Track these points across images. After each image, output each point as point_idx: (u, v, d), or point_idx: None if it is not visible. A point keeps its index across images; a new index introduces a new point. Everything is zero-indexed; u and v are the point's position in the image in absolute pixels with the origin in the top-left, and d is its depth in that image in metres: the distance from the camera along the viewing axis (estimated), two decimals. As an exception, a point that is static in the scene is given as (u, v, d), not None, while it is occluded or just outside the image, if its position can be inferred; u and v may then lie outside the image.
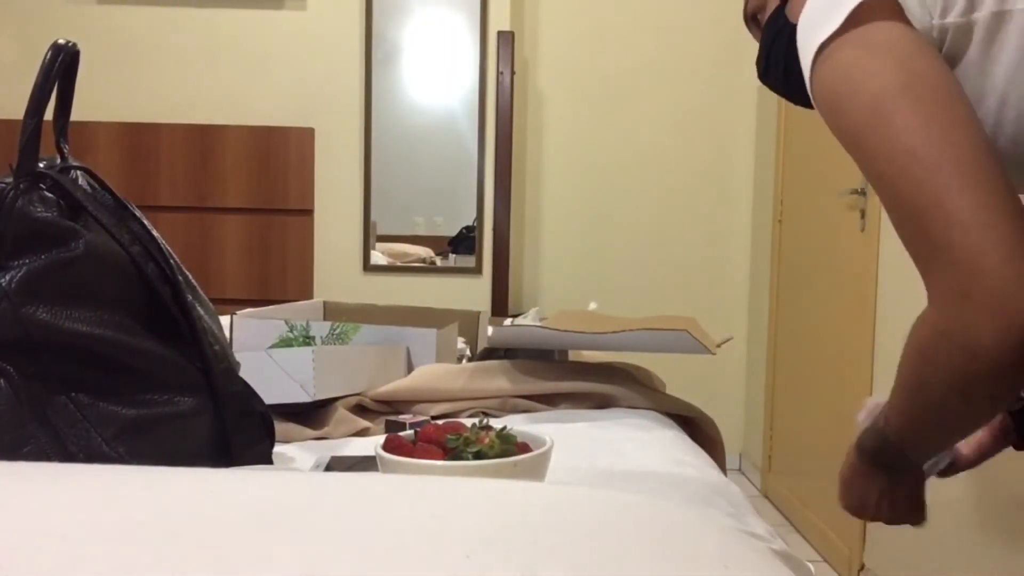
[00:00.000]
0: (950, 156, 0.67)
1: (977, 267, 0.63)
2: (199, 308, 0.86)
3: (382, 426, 1.19)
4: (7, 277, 0.73)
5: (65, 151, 0.83)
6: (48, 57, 0.79)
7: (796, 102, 0.97)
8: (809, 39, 0.78)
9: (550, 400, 1.33)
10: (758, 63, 0.98)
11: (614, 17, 3.19)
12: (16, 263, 0.74)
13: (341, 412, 1.21)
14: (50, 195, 0.77)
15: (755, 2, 0.98)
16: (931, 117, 0.69)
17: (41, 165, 0.78)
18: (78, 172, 0.82)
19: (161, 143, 2.92)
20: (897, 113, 0.70)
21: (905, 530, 0.93)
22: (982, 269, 0.63)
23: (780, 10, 0.90)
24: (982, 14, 0.73)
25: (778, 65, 0.93)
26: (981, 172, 0.66)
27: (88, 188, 0.82)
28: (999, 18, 0.73)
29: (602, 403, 1.35)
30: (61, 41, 0.80)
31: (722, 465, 1.28)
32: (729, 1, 3.09)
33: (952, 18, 0.75)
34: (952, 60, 0.76)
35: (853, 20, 0.75)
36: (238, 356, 0.95)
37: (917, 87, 0.71)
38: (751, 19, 1.01)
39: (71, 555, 0.43)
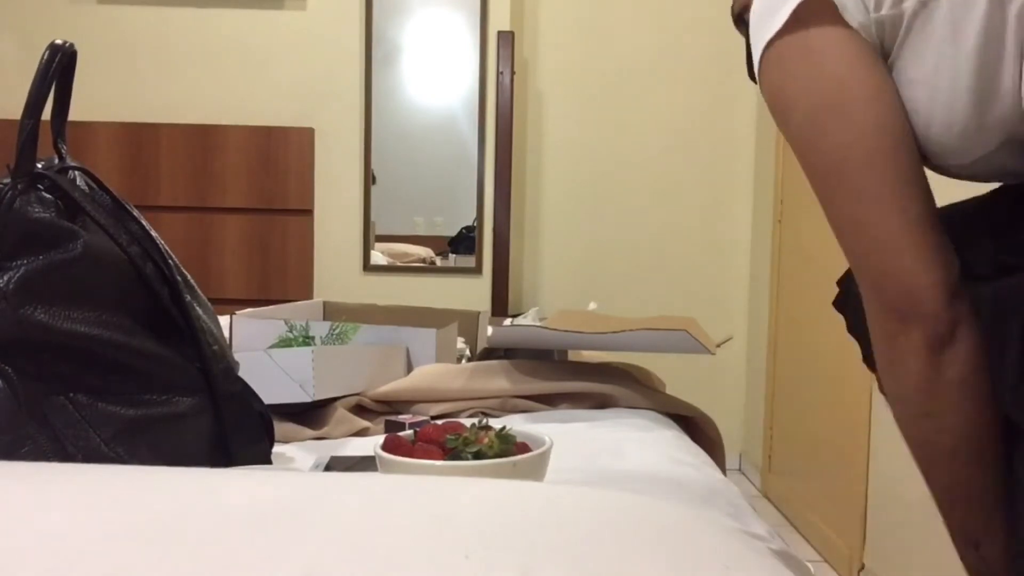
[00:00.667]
0: (875, 180, 0.73)
1: (902, 278, 0.72)
2: (198, 308, 0.85)
3: (382, 426, 1.19)
4: (5, 278, 0.73)
5: (63, 151, 0.83)
6: (45, 57, 0.79)
7: None
8: (757, 35, 0.81)
9: (550, 400, 1.33)
10: (747, 62, 0.98)
11: (614, 17, 3.19)
12: (14, 264, 0.74)
13: (341, 412, 1.21)
14: (48, 196, 0.77)
15: (741, 1, 0.99)
16: (860, 136, 0.74)
17: (39, 166, 0.78)
18: (76, 172, 0.82)
19: (161, 143, 2.92)
20: (828, 132, 0.75)
21: (905, 530, 0.93)
22: (906, 279, 0.72)
23: None
24: (909, 3, 0.75)
25: None
26: (902, 193, 0.73)
27: (86, 188, 0.81)
28: (925, 6, 0.74)
29: (602, 403, 1.35)
30: (58, 41, 0.80)
31: (722, 465, 1.28)
32: (729, 1, 3.08)
33: (885, 11, 0.76)
34: (888, 52, 0.78)
35: (795, 20, 0.77)
36: (238, 356, 0.95)
37: (848, 104, 0.75)
38: (738, 19, 1.02)
39: (71, 555, 0.43)
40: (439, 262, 3.08)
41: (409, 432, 0.92)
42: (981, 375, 0.74)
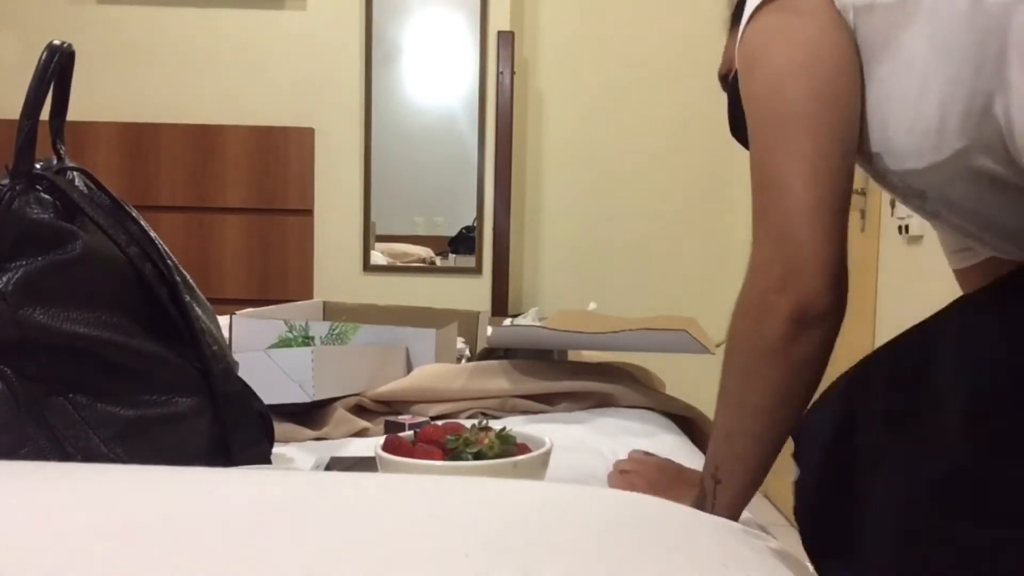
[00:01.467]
0: (806, 145, 0.76)
1: (796, 244, 0.75)
2: (197, 308, 0.85)
3: (381, 426, 1.19)
4: (4, 279, 0.73)
5: (62, 152, 0.83)
6: (43, 58, 0.79)
7: None
8: (747, 11, 0.84)
9: (550, 400, 1.33)
10: (729, 120, 1.05)
11: (614, 17, 3.18)
12: (13, 265, 0.74)
13: (340, 412, 1.21)
14: (47, 196, 0.77)
15: (727, 64, 1.05)
16: (809, 101, 0.77)
17: (38, 166, 0.78)
18: (75, 173, 0.81)
19: (161, 143, 2.91)
20: (783, 90, 0.78)
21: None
22: (801, 246, 0.75)
23: None
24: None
25: (745, 122, 0.99)
26: (824, 169, 0.76)
27: (85, 189, 0.81)
28: (907, 1, 0.76)
29: (602, 403, 1.35)
30: (56, 42, 0.80)
31: (722, 465, 1.28)
32: (728, 0, 3.08)
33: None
34: (861, 40, 0.80)
35: None
36: (237, 356, 0.95)
37: (810, 68, 0.78)
38: (723, 79, 1.08)
39: (71, 555, 0.43)
40: (439, 262, 3.08)
41: (409, 433, 0.92)
42: (814, 367, 0.78)
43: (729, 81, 1.02)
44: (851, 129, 0.79)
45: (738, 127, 1.01)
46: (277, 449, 1.00)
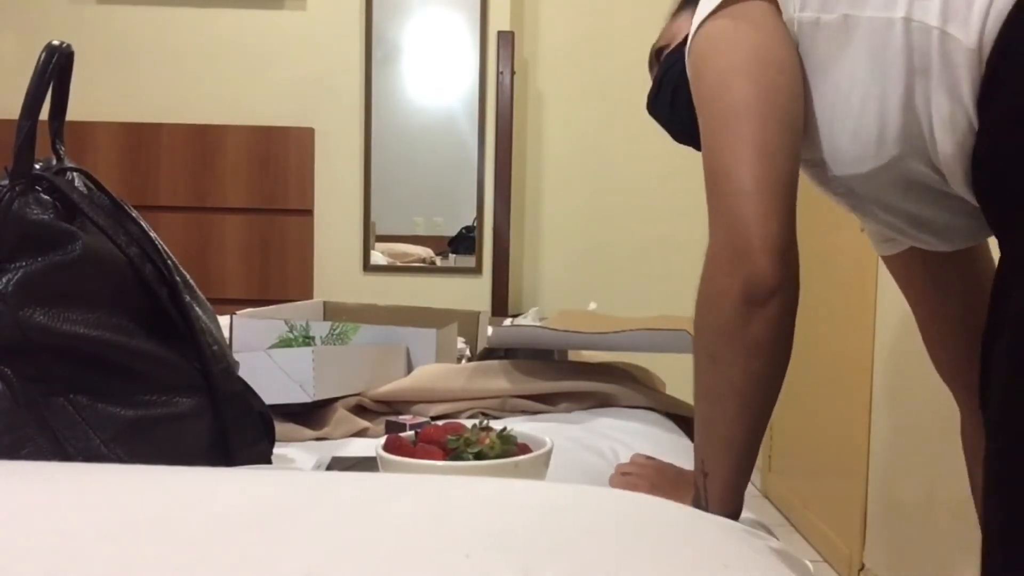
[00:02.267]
0: (753, 136, 0.80)
1: (742, 225, 0.79)
2: (197, 308, 0.85)
3: (382, 426, 1.19)
4: (4, 280, 0.73)
5: (61, 153, 0.83)
6: (42, 58, 0.79)
7: (674, 134, 1.11)
8: (697, 20, 0.88)
9: (550, 400, 1.33)
10: (649, 95, 1.12)
11: (614, 17, 3.18)
12: (13, 266, 0.74)
13: (341, 412, 1.21)
14: (46, 197, 0.77)
15: (664, 39, 1.13)
16: (756, 97, 0.81)
17: (37, 167, 0.78)
18: (74, 174, 0.81)
19: (161, 143, 2.91)
20: (732, 88, 0.82)
21: (905, 530, 0.94)
22: (746, 227, 0.79)
23: (682, 44, 0.99)
24: (833, 16, 0.83)
25: (666, 93, 1.06)
26: (771, 155, 0.80)
27: (84, 190, 0.81)
28: (848, 21, 0.82)
29: (602, 403, 1.35)
30: (55, 42, 0.80)
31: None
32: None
33: (808, 13, 0.84)
34: (807, 53, 0.85)
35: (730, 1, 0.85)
36: (238, 356, 0.95)
37: (756, 67, 0.83)
38: (655, 55, 1.15)
39: (71, 555, 0.43)
40: (439, 262, 3.08)
41: (410, 433, 0.92)
42: (773, 345, 0.81)
43: (661, 58, 1.11)
44: (794, 119, 0.84)
45: (656, 101, 1.10)
46: (278, 449, 1.00)
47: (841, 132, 0.85)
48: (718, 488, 0.85)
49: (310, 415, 1.20)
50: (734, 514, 0.86)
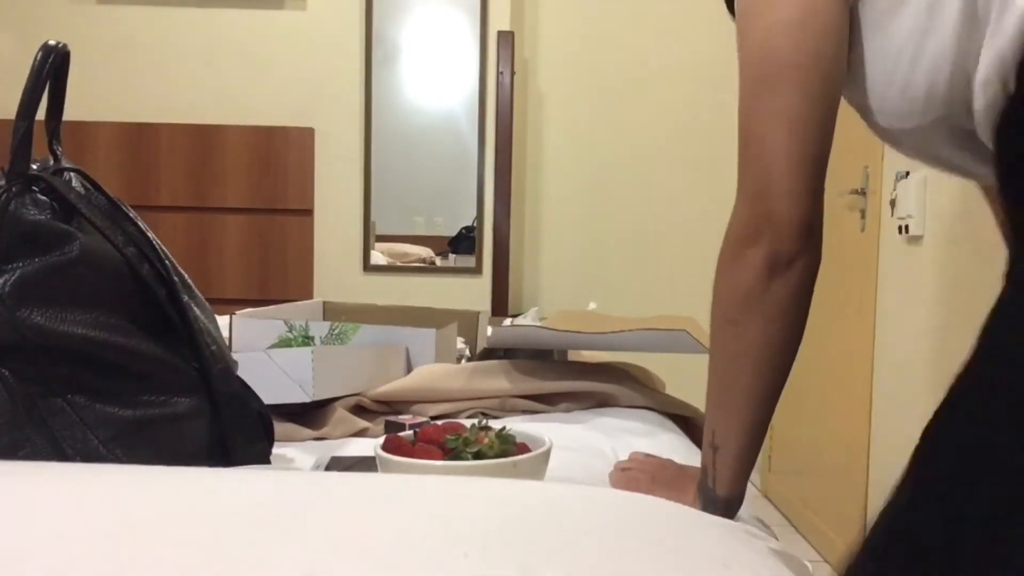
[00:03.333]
0: (795, 102, 0.79)
1: (771, 199, 0.79)
2: (195, 308, 0.85)
3: (381, 426, 1.19)
4: (1, 280, 0.73)
5: (58, 153, 0.82)
6: (38, 58, 0.79)
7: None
8: None
9: (550, 400, 1.33)
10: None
11: (614, 17, 3.18)
12: (10, 266, 0.73)
13: (340, 412, 1.21)
14: (43, 198, 0.77)
15: None
16: (801, 60, 0.80)
17: (34, 167, 0.78)
18: (71, 174, 0.81)
19: (161, 143, 2.91)
20: (778, 47, 0.81)
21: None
22: (774, 202, 0.79)
23: None
24: None
25: None
26: (808, 125, 0.80)
27: (81, 190, 0.81)
28: None
29: (602, 403, 1.35)
30: (51, 42, 0.80)
31: (722, 465, 1.28)
32: None
33: None
34: (867, 3, 0.83)
35: None
36: (237, 356, 0.95)
37: (807, 25, 0.81)
38: None
39: (70, 555, 0.43)
40: (439, 262, 3.08)
41: (409, 432, 0.92)
42: (791, 313, 0.81)
43: None
44: (835, 88, 0.83)
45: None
46: (277, 449, 1.00)
47: (890, 84, 0.83)
48: (728, 464, 0.85)
49: (309, 415, 1.20)
50: (739, 499, 0.86)
